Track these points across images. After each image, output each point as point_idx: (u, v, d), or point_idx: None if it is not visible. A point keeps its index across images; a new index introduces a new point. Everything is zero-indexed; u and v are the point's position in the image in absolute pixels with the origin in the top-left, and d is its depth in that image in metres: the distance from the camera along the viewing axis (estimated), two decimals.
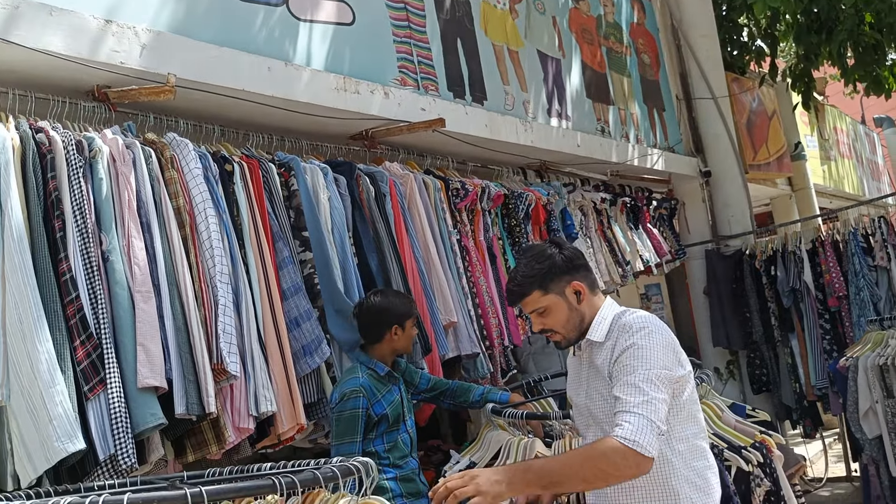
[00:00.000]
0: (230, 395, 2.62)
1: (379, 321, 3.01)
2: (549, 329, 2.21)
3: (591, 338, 2.19)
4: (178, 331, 2.48)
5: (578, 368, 2.29)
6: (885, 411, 4.76)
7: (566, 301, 2.18)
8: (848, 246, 6.09)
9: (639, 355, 2.03)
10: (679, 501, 2.05)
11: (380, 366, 2.99)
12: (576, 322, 2.20)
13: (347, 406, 2.83)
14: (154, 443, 2.45)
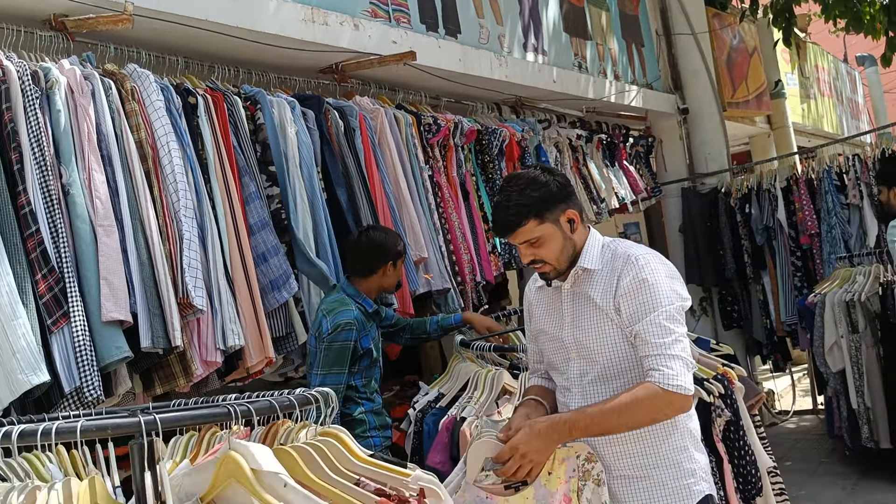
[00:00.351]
0: (197, 329, 2.63)
1: (373, 256, 3.03)
2: (540, 260, 2.10)
3: (585, 265, 2.10)
4: (142, 265, 2.47)
5: (555, 299, 2.19)
6: (850, 346, 4.87)
7: (561, 230, 2.09)
8: (822, 184, 6.13)
9: (654, 291, 1.99)
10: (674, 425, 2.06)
11: (368, 302, 3.02)
12: (569, 252, 2.11)
13: (340, 337, 2.86)
14: (121, 375, 2.46)
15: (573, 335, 2.13)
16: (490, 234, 4.22)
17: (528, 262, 2.13)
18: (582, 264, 2.10)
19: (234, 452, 1.46)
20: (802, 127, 10.50)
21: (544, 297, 2.25)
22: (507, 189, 2.11)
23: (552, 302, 2.21)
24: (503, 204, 2.09)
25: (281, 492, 1.42)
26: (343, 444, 1.69)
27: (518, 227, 2.06)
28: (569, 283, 2.14)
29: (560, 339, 2.17)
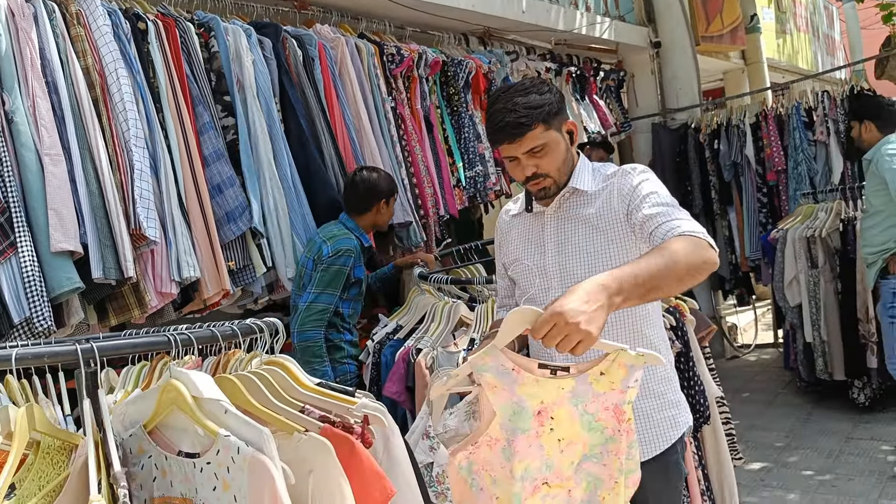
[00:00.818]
0: (151, 261, 2.61)
1: (367, 195, 3.16)
2: (542, 174, 1.96)
3: (577, 185, 2.00)
4: (91, 195, 2.43)
5: (535, 226, 2.09)
6: (808, 281, 4.96)
7: (564, 140, 1.98)
8: (790, 120, 6.14)
9: (655, 185, 1.93)
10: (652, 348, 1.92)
11: (365, 237, 3.18)
12: (570, 165, 2.00)
13: (339, 261, 3.00)
14: (73, 306, 2.44)
15: (557, 262, 2.02)
16: (454, 167, 4.19)
17: (531, 173, 1.97)
18: (574, 185, 2.00)
19: (175, 380, 1.47)
20: (777, 63, 10.45)
21: (521, 224, 2.14)
22: (507, 95, 1.95)
23: (531, 229, 2.10)
24: (507, 108, 1.92)
25: (222, 418, 1.42)
26: (289, 372, 1.70)
27: (528, 130, 1.91)
28: (553, 207, 2.04)
29: (541, 266, 2.06)
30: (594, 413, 1.70)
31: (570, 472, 1.74)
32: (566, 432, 1.71)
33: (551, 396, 1.68)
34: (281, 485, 1.34)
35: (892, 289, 4.03)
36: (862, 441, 4.57)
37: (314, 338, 2.92)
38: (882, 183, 3.99)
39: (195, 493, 1.46)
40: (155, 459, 1.51)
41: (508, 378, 1.69)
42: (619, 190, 1.97)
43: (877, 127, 4.14)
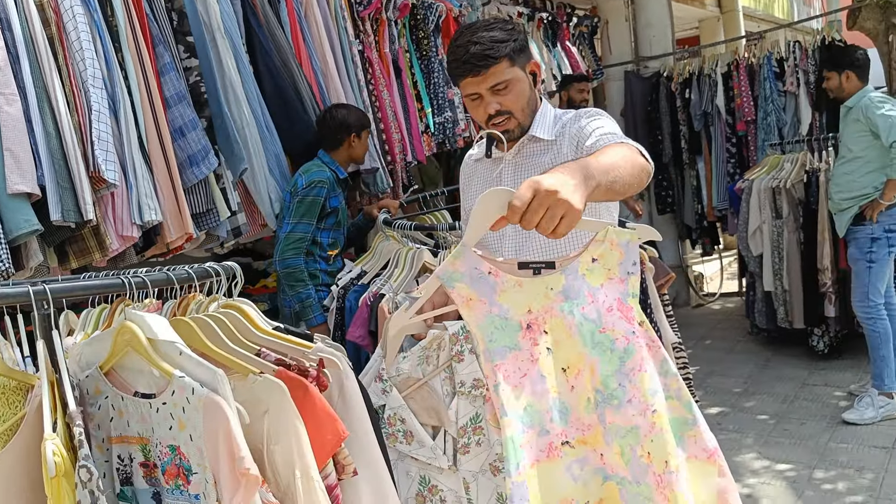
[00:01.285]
0: (112, 203, 2.58)
1: (338, 130, 3.28)
2: (505, 111, 1.93)
3: (536, 133, 1.97)
4: (48, 136, 2.39)
5: (493, 172, 2.07)
6: (771, 231, 5.03)
7: (528, 80, 1.95)
8: (761, 70, 6.16)
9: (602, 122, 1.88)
10: None
11: (340, 169, 3.31)
12: (533, 106, 1.98)
13: (312, 192, 3.15)
14: (32, 249, 2.42)
15: None
16: (423, 112, 4.17)
17: (494, 111, 1.93)
18: (533, 132, 1.98)
19: (130, 322, 1.48)
20: (752, 12, 10.43)
21: (481, 169, 2.12)
22: (472, 30, 1.91)
23: (490, 175, 2.08)
24: (472, 41, 1.88)
25: (177, 359, 1.44)
26: (246, 316, 1.71)
27: (494, 63, 1.87)
28: (511, 153, 2.02)
29: None
30: (595, 319, 1.46)
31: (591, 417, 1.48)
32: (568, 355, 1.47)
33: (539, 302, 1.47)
34: (235, 424, 1.37)
35: (870, 234, 4.10)
36: (816, 387, 4.71)
37: (294, 264, 3.10)
38: (864, 130, 4.05)
39: (151, 432, 1.48)
40: (111, 400, 1.53)
41: (485, 285, 1.49)
42: (570, 135, 1.96)
43: (857, 76, 4.17)
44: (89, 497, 1.23)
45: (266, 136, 3.23)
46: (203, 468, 1.41)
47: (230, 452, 1.36)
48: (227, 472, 1.37)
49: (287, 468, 1.46)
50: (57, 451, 1.25)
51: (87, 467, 1.24)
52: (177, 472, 1.46)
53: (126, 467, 1.54)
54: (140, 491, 1.53)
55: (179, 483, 1.46)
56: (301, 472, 1.45)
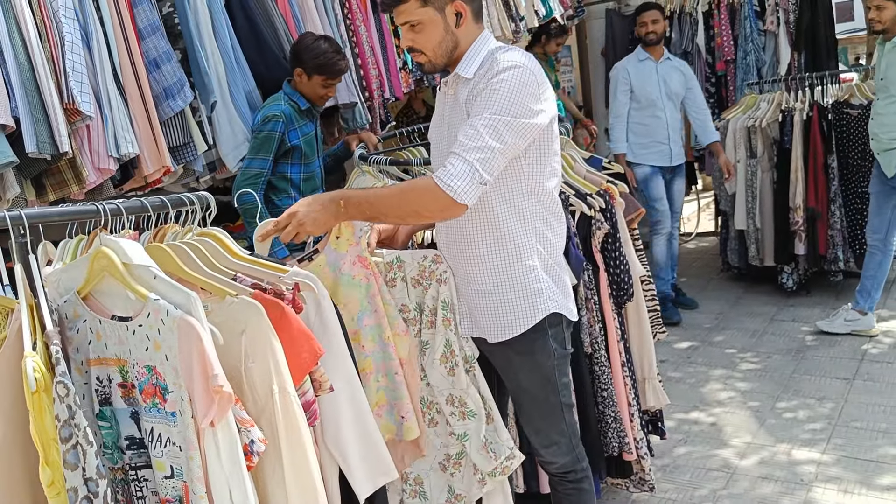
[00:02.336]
0: (87, 136, 2.59)
1: (292, 59, 3.24)
2: (417, 49, 2.05)
3: (460, 72, 2.05)
4: (20, 67, 2.38)
5: (442, 106, 2.17)
6: (746, 170, 5.10)
7: (444, 20, 2.01)
8: (742, 9, 6.14)
9: (493, 98, 1.91)
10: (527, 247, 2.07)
11: (301, 100, 3.25)
12: (448, 47, 2.04)
13: (266, 127, 3.11)
14: (8, 181, 2.44)
15: (443, 143, 2.14)
16: (401, 49, 4.14)
17: (407, 46, 2.07)
18: (459, 71, 2.05)
19: (105, 248, 1.52)
20: None
21: (439, 101, 2.22)
22: None
23: (442, 108, 2.19)
24: None
25: (151, 283, 1.49)
26: (221, 244, 1.76)
27: (398, 3, 2.00)
28: (450, 88, 2.12)
29: (437, 146, 2.20)
30: (348, 273, 2.12)
31: (356, 326, 2.12)
32: (340, 298, 2.10)
33: (320, 275, 1.99)
34: (209, 344, 1.42)
35: None
36: (784, 322, 4.85)
37: (249, 200, 3.02)
38: None
39: (129, 353, 1.54)
40: (90, 324, 1.58)
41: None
42: (475, 86, 2.00)
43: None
44: (67, 411, 1.30)
45: (235, 71, 3.19)
46: (178, 387, 1.47)
47: (204, 371, 1.42)
48: (200, 390, 1.43)
49: (264, 385, 1.53)
50: (37, 367, 1.31)
51: (64, 383, 1.30)
52: (153, 391, 1.52)
53: (105, 388, 1.60)
54: (119, 410, 1.60)
55: (156, 402, 1.52)
56: (278, 388, 1.52)
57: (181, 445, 1.49)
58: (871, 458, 3.18)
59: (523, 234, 2.08)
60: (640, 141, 5.08)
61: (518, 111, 1.92)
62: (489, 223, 2.07)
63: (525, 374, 2.18)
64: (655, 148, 5.07)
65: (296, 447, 1.56)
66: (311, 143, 3.31)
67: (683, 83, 5.06)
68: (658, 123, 5.03)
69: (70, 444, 1.30)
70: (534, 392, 2.19)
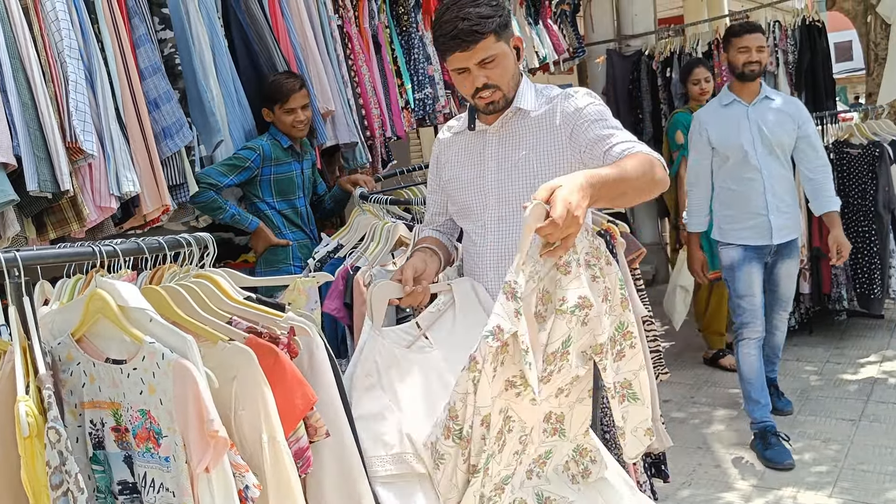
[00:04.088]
0: (89, 174, 2.59)
1: (263, 97, 3.25)
2: (493, 85, 2.00)
3: (521, 105, 2.05)
4: (24, 106, 2.39)
5: (476, 144, 2.13)
6: None
7: (512, 54, 2.02)
8: None
9: (601, 108, 2.00)
10: None
11: (283, 139, 3.23)
12: (517, 80, 2.05)
13: (240, 152, 3.14)
14: (9, 219, 2.43)
15: (497, 179, 2.08)
16: (403, 88, 4.18)
17: (482, 84, 1.99)
18: (518, 104, 2.05)
19: (100, 290, 1.51)
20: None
21: (462, 141, 2.19)
22: (459, 6, 1.95)
23: (472, 147, 2.15)
24: (460, 17, 1.93)
25: (147, 326, 1.48)
26: (217, 286, 1.75)
27: (482, 38, 1.93)
28: (496, 126, 2.09)
29: (479, 184, 2.12)
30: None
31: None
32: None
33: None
34: (204, 388, 1.41)
35: None
36: (788, 362, 4.81)
37: (204, 198, 3.02)
38: None
39: (123, 397, 1.52)
40: (83, 366, 1.57)
41: None
42: (563, 111, 2.03)
43: None
44: (58, 457, 1.27)
45: (235, 110, 3.22)
46: (173, 431, 1.45)
47: (199, 415, 1.40)
48: (196, 434, 1.41)
49: (254, 432, 1.51)
50: (30, 411, 1.29)
51: (56, 428, 1.28)
52: (147, 435, 1.50)
53: (98, 432, 1.57)
54: (112, 455, 1.57)
55: (150, 446, 1.50)
56: (268, 437, 1.50)
57: (174, 491, 1.47)
58: (879, 502, 3.13)
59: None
60: (727, 213, 3.70)
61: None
62: None
63: None
64: (748, 221, 3.64)
65: (284, 498, 1.54)
66: (290, 180, 3.27)
67: (793, 129, 3.61)
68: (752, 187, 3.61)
69: (60, 490, 1.27)
70: None
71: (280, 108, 3.22)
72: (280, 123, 3.24)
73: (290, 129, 3.25)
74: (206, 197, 3.02)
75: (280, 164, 3.22)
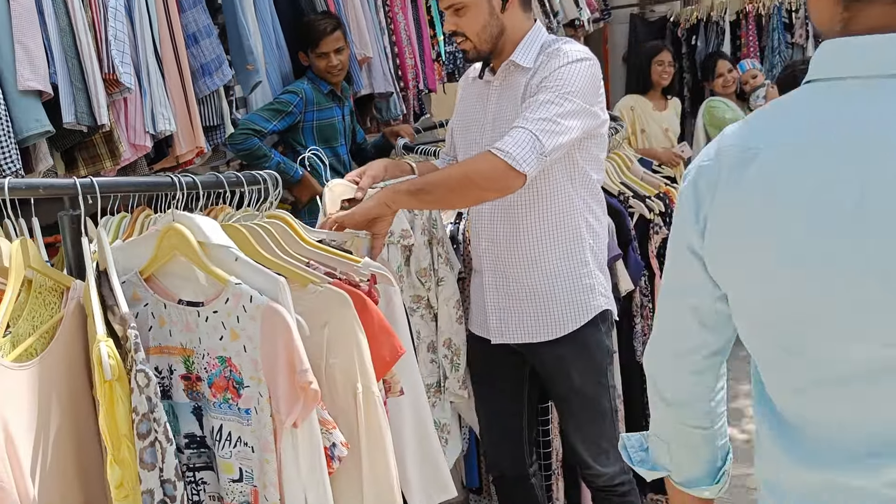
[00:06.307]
0: (124, 110, 2.43)
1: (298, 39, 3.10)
2: (460, 32, 1.97)
3: (516, 60, 1.98)
4: (62, 31, 2.22)
5: (483, 94, 2.08)
6: None
7: (489, 4, 1.95)
8: (771, 20, 6.05)
9: (562, 81, 1.84)
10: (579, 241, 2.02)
11: (322, 83, 3.07)
12: (493, 32, 1.97)
13: (282, 97, 2.97)
14: (41, 152, 2.28)
15: (492, 131, 2.02)
16: (435, 40, 4.01)
17: (450, 30, 2.00)
18: (514, 58, 1.98)
19: (178, 224, 1.37)
20: None
21: (474, 88, 2.14)
22: None
23: (479, 96, 2.10)
24: None
25: (231, 265, 1.34)
26: (292, 228, 1.61)
27: None
28: (498, 78, 2.03)
29: (475, 135, 2.08)
30: None
31: None
32: None
33: None
34: (297, 335, 1.28)
35: None
36: None
37: (248, 145, 2.82)
38: None
39: (198, 342, 1.39)
40: (151, 308, 1.43)
41: None
42: (541, 72, 1.93)
43: None
44: (146, 403, 1.15)
45: (273, 52, 3.07)
46: (257, 381, 1.33)
47: (290, 364, 1.28)
48: (285, 385, 1.29)
49: (347, 382, 1.39)
50: (111, 353, 1.16)
51: (145, 371, 1.15)
52: (226, 384, 1.37)
53: (164, 380, 1.44)
54: (179, 405, 1.44)
55: (228, 396, 1.38)
56: (363, 386, 1.38)
57: (254, 446, 1.35)
58: None
59: (575, 226, 2.02)
60: None
61: (584, 97, 1.86)
62: (541, 217, 2.00)
63: (579, 372, 2.07)
64: None
65: (377, 453, 1.42)
66: (332, 126, 3.11)
67: None
68: None
69: (148, 440, 1.15)
70: (587, 393, 2.08)
71: (312, 52, 3.06)
72: (315, 69, 3.09)
73: (324, 74, 3.09)
74: (251, 144, 2.81)
75: (322, 110, 3.05)
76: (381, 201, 1.75)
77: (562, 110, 1.81)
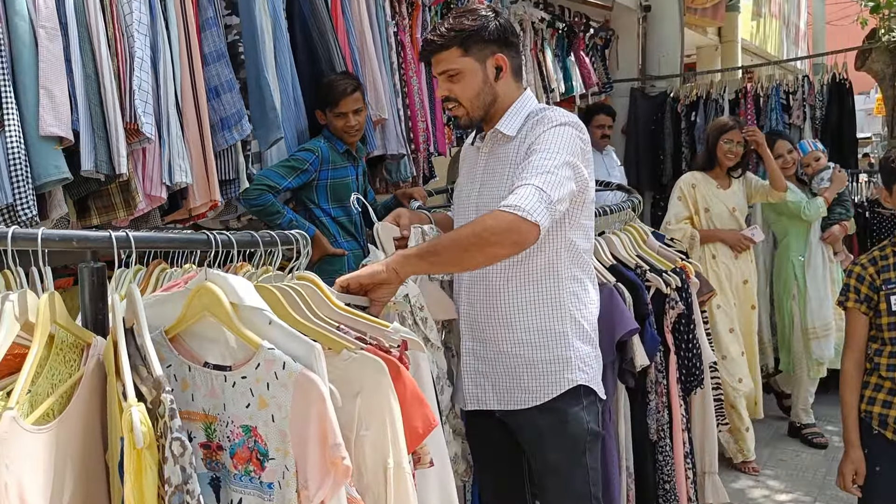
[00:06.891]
0: (142, 160, 2.40)
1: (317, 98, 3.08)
2: (454, 99, 1.98)
3: (501, 129, 1.99)
4: (87, 79, 2.20)
5: (475, 160, 2.10)
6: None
7: (483, 72, 1.96)
8: (769, 101, 6.16)
9: (550, 142, 1.86)
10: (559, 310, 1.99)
11: (338, 143, 3.06)
12: (486, 100, 1.98)
13: (298, 154, 2.95)
14: (56, 199, 2.23)
15: (478, 201, 2.03)
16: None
17: (443, 96, 2.01)
18: (500, 128, 1.99)
19: (211, 284, 1.32)
20: (749, 44, 10.52)
21: (470, 155, 2.16)
22: (453, 14, 2.00)
23: (472, 162, 2.12)
24: (435, 27, 1.99)
25: (264, 329, 1.29)
26: (321, 290, 1.57)
27: (440, 50, 1.95)
28: (487, 145, 2.05)
29: (467, 200, 2.08)
30: None
31: None
32: None
33: None
34: (331, 406, 1.22)
35: None
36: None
37: (262, 201, 2.80)
38: None
39: (223, 409, 1.33)
40: (175, 370, 1.37)
41: None
42: (527, 138, 1.95)
43: None
44: (181, 474, 1.08)
45: (291, 108, 3.07)
46: (283, 454, 1.26)
47: (322, 437, 1.22)
48: (315, 459, 1.23)
49: (377, 457, 1.32)
50: (143, 419, 1.10)
51: (181, 440, 1.09)
52: (249, 455, 1.31)
53: None
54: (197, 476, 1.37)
55: (250, 469, 1.31)
56: (394, 462, 1.31)
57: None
58: None
59: (556, 296, 1.99)
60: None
61: (573, 153, 1.88)
62: (520, 283, 1.99)
63: (554, 447, 2.01)
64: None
65: None
66: (346, 185, 3.08)
67: None
68: None
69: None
70: (561, 471, 2.02)
71: (331, 112, 3.05)
72: (332, 128, 3.08)
73: (341, 134, 3.08)
74: (265, 200, 2.79)
75: (337, 168, 3.04)
76: (390, 267, 1.68)
77: (556, 162, 1.82)
